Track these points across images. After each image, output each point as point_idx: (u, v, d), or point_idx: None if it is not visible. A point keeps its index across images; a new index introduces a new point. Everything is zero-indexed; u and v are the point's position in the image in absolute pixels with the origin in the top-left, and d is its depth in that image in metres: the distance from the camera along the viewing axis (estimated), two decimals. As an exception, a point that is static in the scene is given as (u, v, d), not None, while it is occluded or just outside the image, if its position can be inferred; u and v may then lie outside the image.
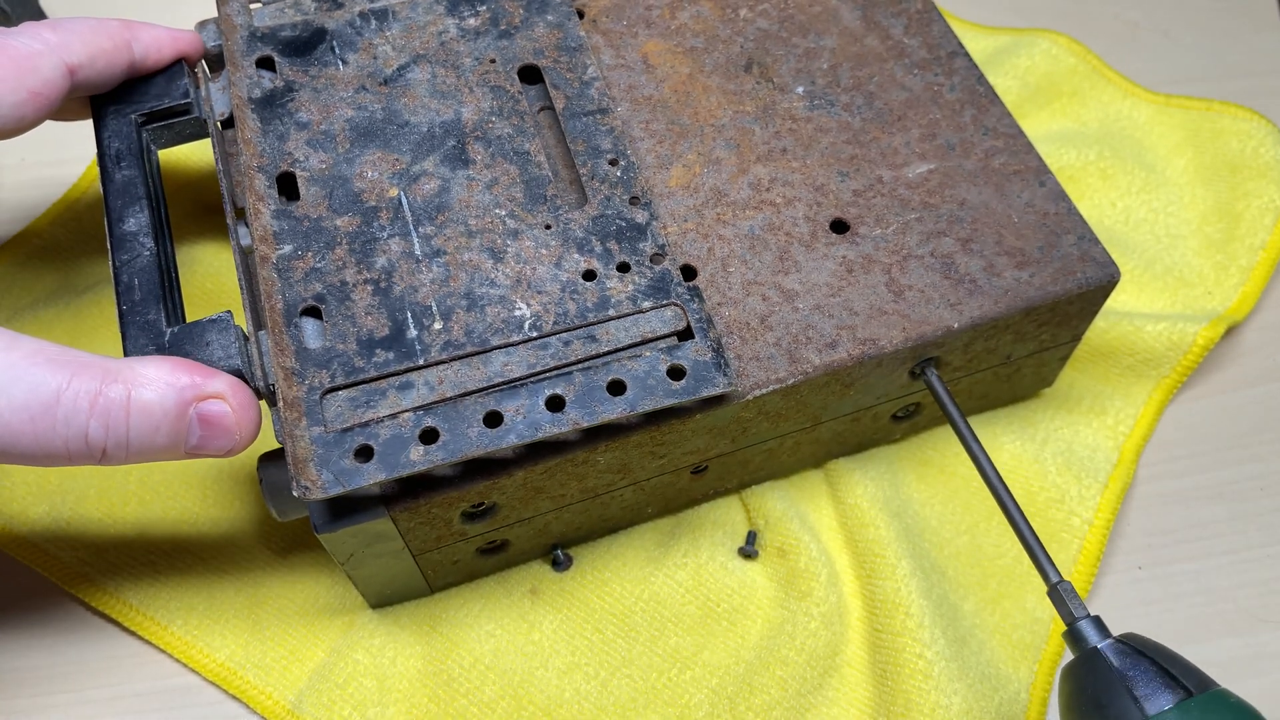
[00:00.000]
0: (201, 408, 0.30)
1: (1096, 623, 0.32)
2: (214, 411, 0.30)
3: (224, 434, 0.30)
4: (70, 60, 0.34)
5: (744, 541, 0.41)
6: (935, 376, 0.38)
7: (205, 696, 0.38)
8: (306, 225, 0.34)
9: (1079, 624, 0.32)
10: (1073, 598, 0.33)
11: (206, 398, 0.30)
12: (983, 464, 0.36)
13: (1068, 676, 0.32)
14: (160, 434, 0.30)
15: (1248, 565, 0.41)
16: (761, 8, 0.42)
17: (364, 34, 0.39)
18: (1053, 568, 0.34)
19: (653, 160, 0.38)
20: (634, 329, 0.33)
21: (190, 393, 0.30)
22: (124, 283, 0.33)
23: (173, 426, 0.30)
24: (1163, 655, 0.31)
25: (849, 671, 0.38)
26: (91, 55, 0.35)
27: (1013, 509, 0.35)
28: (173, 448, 0.30)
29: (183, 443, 0.30)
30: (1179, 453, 0.44)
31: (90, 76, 0.35)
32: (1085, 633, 0.32)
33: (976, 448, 0.36)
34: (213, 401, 0.30)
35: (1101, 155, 0.49)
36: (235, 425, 0.30)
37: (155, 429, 0.29)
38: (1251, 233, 0.47)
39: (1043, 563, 0.34)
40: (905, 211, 0.37)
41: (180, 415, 0.30)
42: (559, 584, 0.40)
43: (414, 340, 0.32)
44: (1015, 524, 0.35)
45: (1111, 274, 0.36)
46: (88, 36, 0.35)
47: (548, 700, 0.38)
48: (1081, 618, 0.32)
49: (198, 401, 0.30)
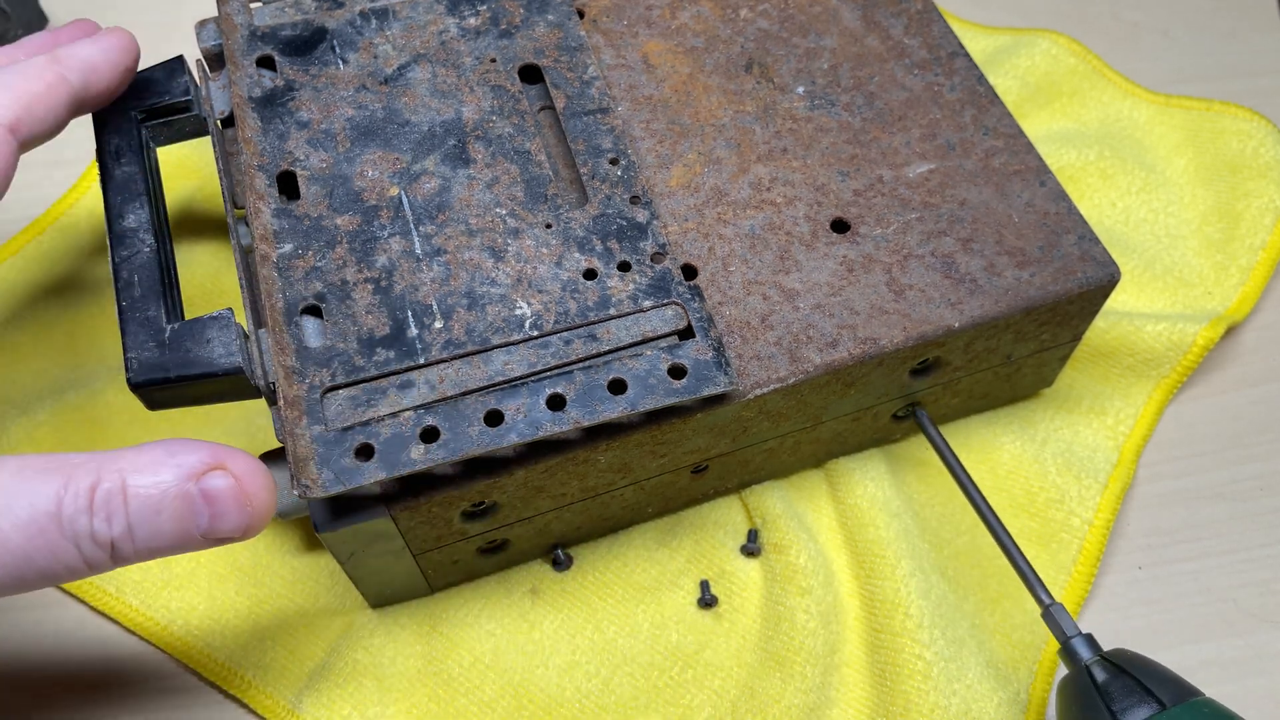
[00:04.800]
0: (204, 483, 0.28)
1: (1088, 640, 0.34)
2: (217, 486, 0.28)
3: (234, 508, 0.28)
4: (8, 119, 0.31)
5: (745, 540, 0.41)
6: (925, 417, 0.40)
7: (205, 696, 0.38)
8: (307, 224, 0.34)
9: (1072, 641, 0.34)
10: (1064, 617, 0.35)
11: (206, 471, 0.28)
12: (974, 497, 0.38)
13: (1061, 692, 0.35)
14: (164, 518, 0.27)
15: (1248, 565, 0.41)
16: (762, 8, 0.42)
17: (364, 33, 0.39)
18: (1043, 589, 0.36)
19: (653, 160, 0.38)
20: (635, 328, 0.33)
21: (186, 468, 0.28)
22: (124, 279, 0.33)
23: (174, 509, 0.27)
24: (1145, 670, 0.33)
25: (848, 671, 0.38)
26: (27, 105, 0.32)
27: (1003, 535, 0.37)
28: (183, 534, 0.28)
29: (193, 527, 0.28)
30: (1179, 453, 0.44)
31: (34, 127, 0.32)
32: (1077, 650, 0.34)
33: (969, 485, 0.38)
34: (215, 475, 0.28)
35: (1101, 155, 0.49)
36: (243, 496, 0.28)
37: (156, 513, 0.27)
38: (1251, 233, 0.47)
39: (1034, 584, 0.36)
40: (906, 211, 0.37)
41: (180, 495, 0.27)
42: (559, 584, 0.40)
43: (415, 339, 0.32)
44: (1006, 549, 0.37)
45: (1112, 273, 0.36)
46: (18, 88, 0.32)
47: (548, 699, 0.38)
48: (1073, 635, 0.34)
49: (197, 477, 0.28)
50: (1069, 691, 0.34)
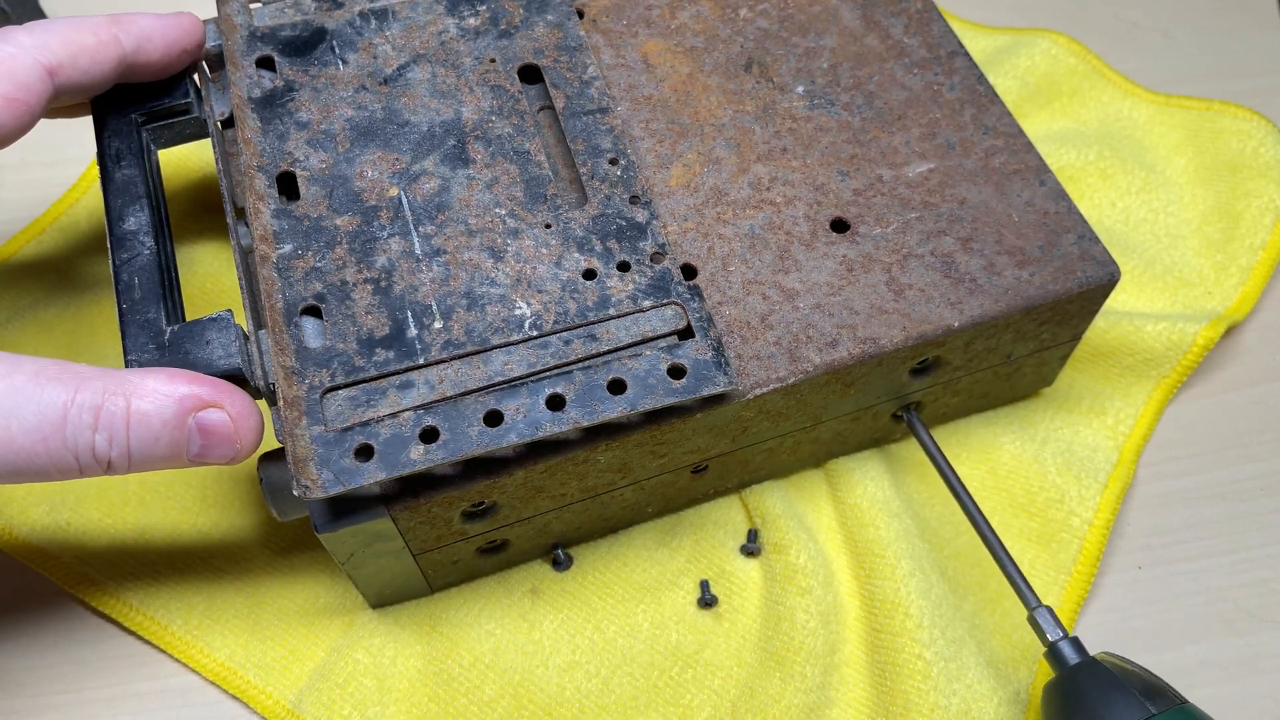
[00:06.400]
0: (200, 417, 0.30)
1: (1074, 643, 0.34)
2: (213, 420, 0.30)
3: (224, 442, 0.31)
4: (48, 61, 0.33)
5: (745, 540, 0.41)
6: (916, 419, 0.40)
7: (205, 696, 0.38)
8: (307, 225, 0.34)
9: (1056, 645, 0.35)
10: (1049, 621, 0.35)
11: (205, 406, 0.30)
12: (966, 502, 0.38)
13: (1045, 695, 0.35)
14: (160, 444, 0.30)
15: (1248, 565, 0.41)
16: (761, 7, 0.42)
17: (364, 34, 0.39)
18: (1031, 592, 0.36)
19: (653, 159, 0.38)
20: (634, 328, 0.33)
21: (188, 403, 0.30)
22: (124, 281, 0.33)
23: (171, 436, 0.30)
24: (1130, 676, 0.33)
25: (848, 671, 0.38)
26: (73, 54, 0.33)
27: (991, 537, 0.37)
28: (174, 457, 0.30)
29: (184, 452, 0.30)
30: (1179, 453, 0.44)
31: (75, 76, 0.34)
32: (1062, 653, 0.34)
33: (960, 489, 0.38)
34: (212, 411, 0.30)
35: (1101, 155, 0.49)
36: (235, 434, 0.31)
37: (155, 439, 0.30)
38: (1251, 233, 0.47)
39: (1021, 587, 0.36)
40: (905, 210, 0.37)
41: (178, 425, 0.30)
42: (559, 583, 0.40)
43: (414, 339, 0.32)
44: (993, 549, 0.37)
45: (1112, 273, 0.36)
46: (68, 35, 0.33)
47: (548, 699, 0.38)
48: (1058, 640, 0.35)
49: (196, 411, 0.30)
50: (1053, 695, 0.34)
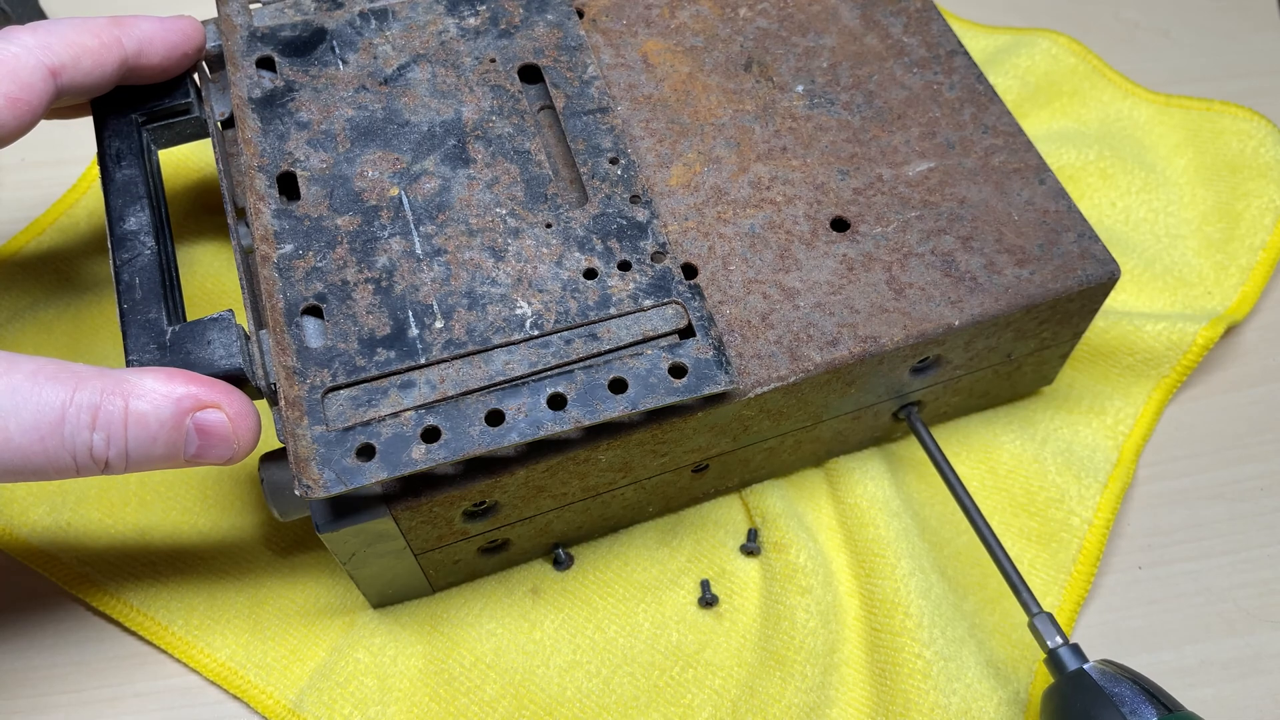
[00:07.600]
0: (198, 417, 0.30)
1: (1073, 650, 0.35)
2: (211, 421, 0.30)
3: (222, 443, 0.30)
4: (51, 62, 0.33)
5: (745, 539, 0.41)
6: (917, 418, 0.40)
7: (206, 696, 0.38)
8: (307, 225, 0.34)
9: (1055, 652, 0.35)
10: (1048, 627, 0.35)
11: (203, 407, 0.30)
12: (965, 502, 0.38)
13: (1051, 698, 0.34)
14: (158, 444, 0.30)
15: (1248, 565, 0.41)
16: (761, 7, 0.42)
17: (364, 34, 0.39)
18: (1031, 598, 0.36)
19: (653, 159, 0.38)
20: (635, 327, 0.33)
21: (186, 403, 0.30)
22: (125, 282, 0.33)
23: (169, 437, 0.30)
24: (1129, 684, 0.33)
25: (848, 671, 0.38)
26: (75, 55, 0.33)
27: (991, 540, 0.37)
28: (171, 457, 0.30)
29: (181, 452, 0.30)
30: (1179, 453, 0.44)
31: (77, 78, 0.34)
32: (1061, 660, 0.34)
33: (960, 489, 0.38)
34: (209, 411, 0.30)
35: (1101, 155, 0.49)
36: (232, 434, 0.30)
37: (152, 440, 0.29)
38: (1251, 233, 0.47)
39: (1021, 593, 0.36)
40: (905, 209, 0.37)
41: (176, 425, 0.30)
42: (560, 583, 0.40)
43: (415, 339, 0.32)
44: (994, 554, 0.37)
45: (1112, 271, 0.36)
46: (71, 36, 0.33)
47: (549, 699, 0.38)
48: (1057, 646, 0.35)
49: (194, 411, 0.30)
50: (1063, 695, 0.34)
